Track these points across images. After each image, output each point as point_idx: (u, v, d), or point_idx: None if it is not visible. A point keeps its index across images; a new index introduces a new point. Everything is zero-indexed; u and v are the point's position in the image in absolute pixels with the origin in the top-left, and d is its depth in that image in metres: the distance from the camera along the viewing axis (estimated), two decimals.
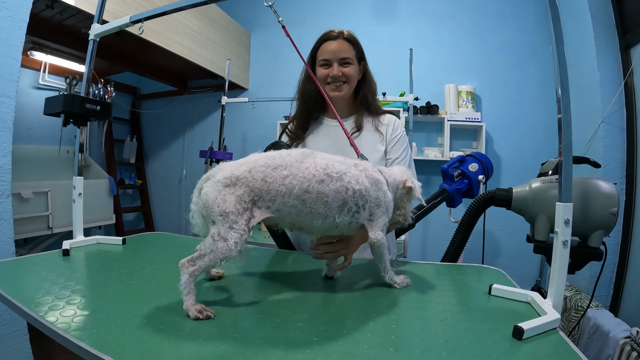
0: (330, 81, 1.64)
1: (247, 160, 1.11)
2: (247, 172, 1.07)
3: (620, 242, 2.80)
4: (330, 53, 1.62)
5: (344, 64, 1.63)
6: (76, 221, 1.72)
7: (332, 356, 0.79)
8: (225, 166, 1.11)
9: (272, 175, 1.07)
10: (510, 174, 4.08)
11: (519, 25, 4.12)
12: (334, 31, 1.65)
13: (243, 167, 1.08)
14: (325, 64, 1.64)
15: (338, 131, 1.64)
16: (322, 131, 1.74)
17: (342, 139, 1.62)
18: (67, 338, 0.84)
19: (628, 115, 2.84)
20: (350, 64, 1.63)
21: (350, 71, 1.64)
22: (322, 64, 1.65)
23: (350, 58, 1.62)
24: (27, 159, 4.02)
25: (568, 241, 0.99)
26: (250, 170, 1.07)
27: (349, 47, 1.63)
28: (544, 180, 1.38)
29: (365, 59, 1.71)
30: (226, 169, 1.08)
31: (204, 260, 1.00)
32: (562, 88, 0.98)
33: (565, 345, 0.86)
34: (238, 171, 1.07)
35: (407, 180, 1.28)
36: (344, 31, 1.65)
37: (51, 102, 1.70)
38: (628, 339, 2.08)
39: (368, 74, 1.73)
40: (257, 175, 1.06)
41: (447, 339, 0.87)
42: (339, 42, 1.62)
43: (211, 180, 1.07)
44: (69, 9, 2.94)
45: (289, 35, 1.54)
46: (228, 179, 1.05)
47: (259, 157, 1.12)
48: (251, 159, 1.12)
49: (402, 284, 1.22)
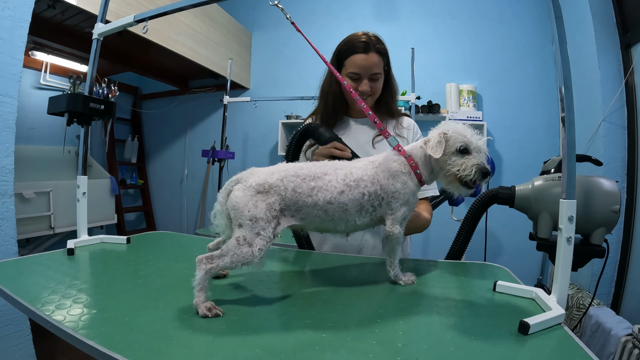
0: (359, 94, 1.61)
1: (278, 169, 1.12)
2: (279, 180, 1.08)
3: (622, 240, 2.81)
4: (361, 68, 1.58)
5: (374, 80, 1.61)
6: (80, 220, 1.72)
7: (340, 352, 0.79)
8: (257, 172, 1.11)
9: (301, 185, 1.09)
10: (512, 172, 4.08)
11: (519, 24, 4.12)
12: (361, 38, 1.59)
13: (276, 176, 1.09)
14: (355, 77, 1.61)
15: (362, 131, 1.66)
16: (346, 131, 1.73)
17: (367, 139, 1.63)
18: (75, 337, 0.84)
19: (629, 113, 2.85)
20: (379, 78, 1.63)
21: (379, 85, 1.64)
22: (351, 76, 1.61)
23: (380, 73, 1.61)
24: (29, 159, 4.03)
25: (572, 238, 0.99)
26: (283, 180, 1.08)
27: (379, 60, 1.60)
28: (547, 178, 1.38)
29: (390, 65, 1.68)
30: (260, 175, 1.09)
31: (223, 261, 1.00)
32: (565, 86, 0.98)
33: (570, 340, 0.86)
34: (271, 179, 1.08)
35: (423, 141, 1.21)
36: (372, 38, 1.60)
37: (55, 101, 1.70)
38: (630, 336, 2.09)
39: (391, 78, 1.72)
40: (288, 185, 1.08)
41: (453, 334, 0.88)
42: (371, 55, 1.57)
43: (242, 184, 1.08)
44: (71, 8, 2.95)
45: (300, 30, 1.49)
46: (261, 185, 1.06)
47: (288, 166, 1.14)
48: (282, 167, 1.13)
49: (408, 282, 1.22)
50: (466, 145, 1.12)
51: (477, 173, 1.10)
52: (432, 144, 1.13)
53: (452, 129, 1.14)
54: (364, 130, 1.72)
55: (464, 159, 1.12)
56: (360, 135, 1.70)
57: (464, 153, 1.13)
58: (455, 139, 1.12)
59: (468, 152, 1.13)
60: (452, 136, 1.13)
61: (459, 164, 1.12)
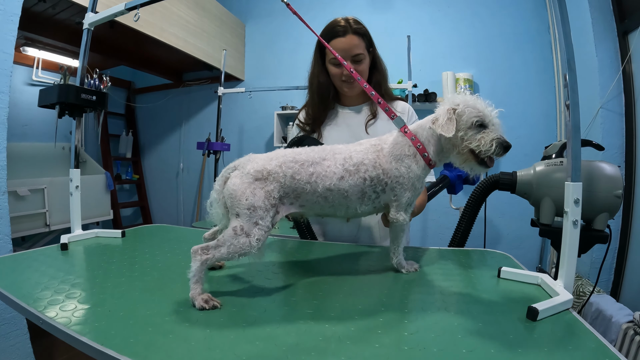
0: (345, 79, 1.60)
1: (276, 155, 1.09)
2: (278, 167, 1.05)
3: (621, 227, 2.80)
4: (341, 51, 1.54)
5: (357, 62, 1.58)
6: (74, 215, 1.69)
7: (345, 342, 0.77)
8: (255, 158, 1.08)
9: (300, 171, 1.06)
10: (509, 160, 4.00)
11: (516, 12, 4.09)
12: (339, 23, 1.57)
13: (274, 162, 1.06)
14: (338, 62, 1.58)
15: (353, 118, 1.63)
16: (337, 120, 1.71)
17: (359, 126, 1.61)
18: (67, 333, 0.82)
19: (626, 101, 2.83)
20: (363, 60, 1.60)
21: (363, 67, 1.61)
22: (333, 62, 1.59)
23: (362, 53, 1.58)
24: (22, 156, 4.01)
25: (578, 221, 0.97)
26: (281, 166, 1.05)
27: (359, 40, 1.57)
28: (548, 163, 1.36)
29: (374, 46, 1.66)
30: (257, 162, 1.06)
31: (219, 252, 0.97)
32: (569, 67, 0.96)
33: (579, 325, 0.84)
34: (270, 165, 1.05)
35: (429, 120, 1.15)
36: (350, 21, 1.57)
37: (46, 93, 1.66)
38: (631, 323, 2.08)
39: (378, 60, 1.69)
40: (287, 171, 1.05)
41: (461, 322, 0.86)
42: (348, 38, 1.55)
43: (239, 171, 1.05)
44: (61, 2, 2.92)
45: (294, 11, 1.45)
46: (259, 172, 1.03)
47: (286, 152, 1.11)
48: (280, 153, 1.10)
49: (410, 270, 1.20)
50: (482, 119, 1.06)
51: (498, 147, 1.04)
52: (442, 122, 1.07)
53: (463, 102, 1.08)
54: (355, 116, 1.69)
55: (481, 133, 1.06)
56: (352, 122, 1.67)
57: (480, 127, 1.07)
58: (469, 113, 1.06)
59: (484, 126, 1.07)
60: (464, 111, 1.07)
61: (477, 139, 1.06)
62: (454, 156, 1.14)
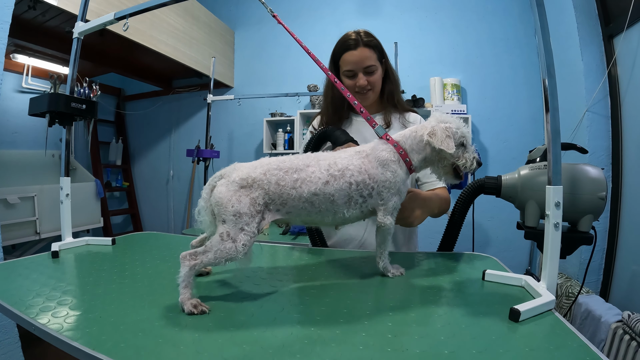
0: (358, 90, 1.65)
1: (261, 163, 1.12)
2: (262, 174, 1.07)
3: (609, 228, 2.84)
4: (353, 64, 1.61)
5: (369, 73, 1.63)
6: (64, 223, 1.69)
7: (330, 345, 0.78)
8: (240, 167, 1.11)
9: (284, 178, 1.08)
10: (498, 164, 4.11)
11: (502, 17, 4.15)
12: (351, 36, 1.62)
13: (259, 170, 1.08)
14: (351, 74, 1.64)
15: (367, 127, 1.66)
16: (352, 129, 1.74)
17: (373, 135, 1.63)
18: (60, 339, 0.82)
19: (612, 103, 2.88)
20: (375, 71, 1.64)
21: (376, 78, 1.65)
22: (347, 74, 1.65)
23: (374, 65, 1.62)
24: (12, 164, 3.98)
25: (559, 223, 0.99)
26: (266, 173, 1.07)
27: (370, 53, 1.61)
28: (532, 167, 1.38)
29: (386, 57, 1.71)
30: (242, 170, 1.08)
31: (207, 257, 0.99)
32: (548, 73, 0.99)
33: (561, 325, 0.86)
34: (254, 173, 1.07)
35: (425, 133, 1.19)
36: (361, 34, 1.62)
37: (36, 102, 1.67)
38: (620, 322, 2.11)
39: (391, 70, 1.74)
40: (271, 178, 1.07)
41: (444, 323, 0.87)
42: (360, 50, 1.60)
43: (226, 179, 1.07)
44: (52, 9, 2.91)
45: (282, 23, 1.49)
46: (244, 180, 1.05)
47: (271, 160, 1.13)
48: (265, 161, 1.12)
49: (396, 274, 1.22)
50: (466, 139, 1.20)
51: (476, 164, 1.22)
52: (442, 138, 1.16)
53: (451, 122, 1.20)
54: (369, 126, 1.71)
55: (466, 152, 1.21)
56: (365, 130, 1.69)
57: (461, 146, 1.20)
58: (460, 133, 1.19)
59: (464, 145, 1.20)
60: (455, 131, 1.18)
61: (464, 157, 1.20)
62: (437, 167, 1.26)
